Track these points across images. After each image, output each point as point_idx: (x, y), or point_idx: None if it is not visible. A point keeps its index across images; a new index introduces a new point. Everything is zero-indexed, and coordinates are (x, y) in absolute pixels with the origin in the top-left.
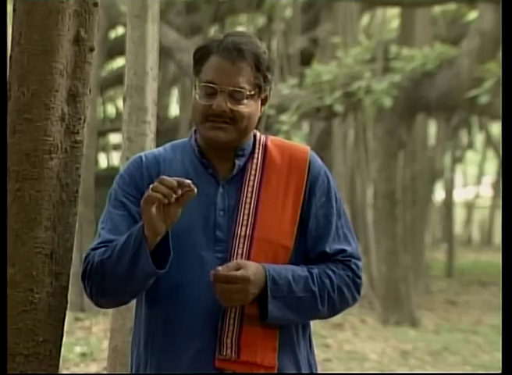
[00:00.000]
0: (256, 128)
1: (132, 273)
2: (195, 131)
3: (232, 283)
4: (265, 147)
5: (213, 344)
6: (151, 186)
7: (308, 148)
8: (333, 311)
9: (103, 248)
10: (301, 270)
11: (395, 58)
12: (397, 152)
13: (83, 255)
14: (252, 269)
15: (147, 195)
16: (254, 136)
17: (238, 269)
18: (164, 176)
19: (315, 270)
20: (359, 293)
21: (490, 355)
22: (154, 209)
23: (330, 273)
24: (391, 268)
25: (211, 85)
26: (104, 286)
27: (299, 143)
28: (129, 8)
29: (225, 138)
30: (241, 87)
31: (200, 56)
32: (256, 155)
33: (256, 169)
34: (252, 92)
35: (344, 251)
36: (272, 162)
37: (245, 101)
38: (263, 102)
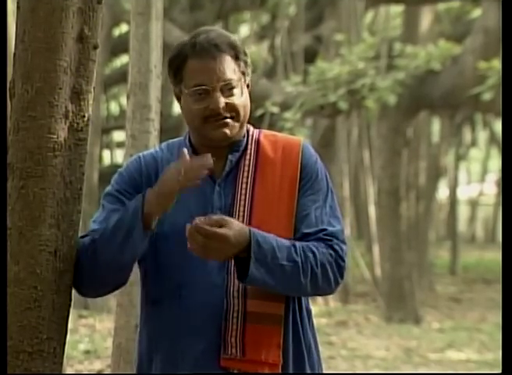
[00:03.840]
0: (256, 126)
1: (127, 241)
2: (189, 131)
3: (210, 239)
4: (258, 142)
5: (217, 343)
6: (182, 174)
7: (301, 139)
8: (315, 288)
9: (92, 235)
10: (285, 241)
11: (399, 56)
12: (401, 150)
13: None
14: (235, 228)
15: (180, 180)
16: (247, 131)
17: (221, 226)
18: (187, 162)
19: (298, 244)
20: (342, 277)
21: (494, 352)
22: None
23: (314, 248)
24: (395, 265)
25: (202, 87)
26: (96, 266)
27: (293, 136)
28: (133, 5)
29: (230, 134)
30: (230, 79)
31: (178, 65)
32: (249, 151)
33: (249, 166)
34: (241, 80)
35: (325, 230)
36: (265, 156)
37: (236, 90)
38: (248, 87)
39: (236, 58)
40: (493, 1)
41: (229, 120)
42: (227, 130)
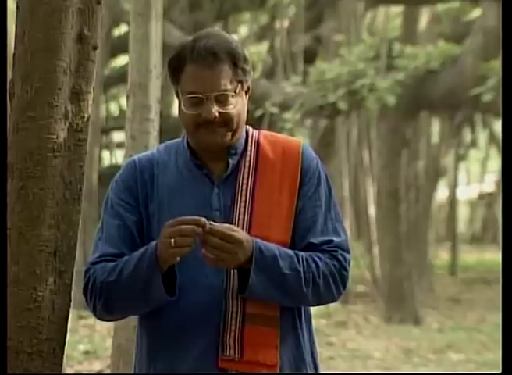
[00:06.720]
0: (256, 127)
1: (145, 297)
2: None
3: (225, 241)
4: (258, 143)
5: (215, 344)
6: (170, 240)
7: (301, 140)
8: (318, 298)
9: (104, 264)
10: (288, 251)
11: (398, 56)
12: (401, 150)
13: (85, 267)
14: (244, 235)
15: (172, 252)
16: (247, 132)
17: (232, 231)
18: (180, 226)
19: (302, 253)
20: (344, 287)
21: (493, 352)
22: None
23: (316, 259)
24: (394, 266)
25: (195, 95)
26: (112, 305)
27: (292, 137)
28: (132, 6)
29: (221, 142)
30: (225, 90)
31: (176, 67)
32: (249, 153)
33: (249, 167)
34: (237, 90)
35: (331, 241)
36: (265, 158)
37: (231, 100)
38: (246, 92)
39: (235, 65)
40: (493, 1)
41: (221, 129)
42: (218, 138)
